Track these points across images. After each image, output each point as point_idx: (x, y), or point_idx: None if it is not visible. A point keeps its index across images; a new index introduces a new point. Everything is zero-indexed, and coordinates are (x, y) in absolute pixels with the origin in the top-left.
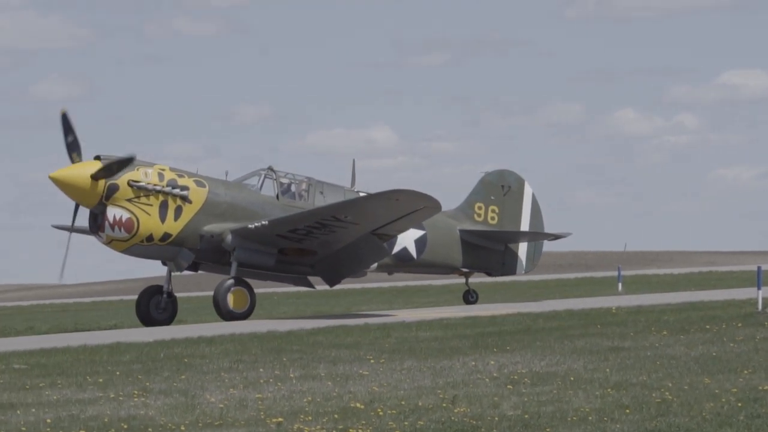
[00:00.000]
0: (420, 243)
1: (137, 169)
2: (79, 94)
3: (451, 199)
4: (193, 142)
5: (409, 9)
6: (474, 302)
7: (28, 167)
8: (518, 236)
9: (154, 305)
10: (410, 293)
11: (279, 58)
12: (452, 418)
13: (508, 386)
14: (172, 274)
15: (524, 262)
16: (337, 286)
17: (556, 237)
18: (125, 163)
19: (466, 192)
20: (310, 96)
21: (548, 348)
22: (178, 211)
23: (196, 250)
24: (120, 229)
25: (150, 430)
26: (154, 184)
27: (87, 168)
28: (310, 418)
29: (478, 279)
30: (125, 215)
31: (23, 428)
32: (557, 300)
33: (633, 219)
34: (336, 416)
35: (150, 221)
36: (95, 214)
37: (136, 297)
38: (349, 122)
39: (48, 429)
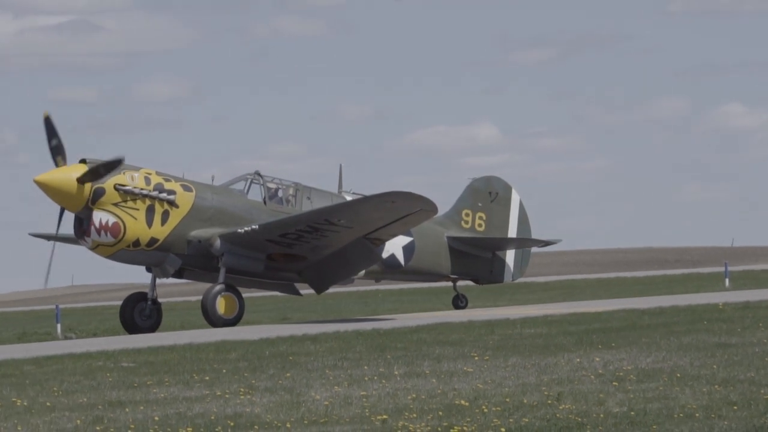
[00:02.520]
0: (408, 250)
1: (123, 173)
2: (184, 95)
3: (556, 196)
4: (297, 142)
5: (511, 6)
6: (463, 307)
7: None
8: (506, 243)
9: (139, 312)
10: (513, 290)
11: (381, 56)
12: (557, 415)
13: (614, 383)
14: (157, 280)
15: (512, 269)
16: (440, 284)
17: (545, 243)
18: (113, 165)
19: (569, 187)
20: (412, 94)
21: (654, 344)
22: (165, 216)
23: (184, 256)
24: (106, 234)
25: (256, 427)
26: (141, 188)
27: (73, 171)
28: (414, 415)
29: (589, 276)
30: (111, 219)
31: (131, 426)
32: (663, 296)
33: (740, 214)
34: (440, 413)
35: (137, 226)
36: (80, 218)
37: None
38: (452, 119)
39: (156, 426)
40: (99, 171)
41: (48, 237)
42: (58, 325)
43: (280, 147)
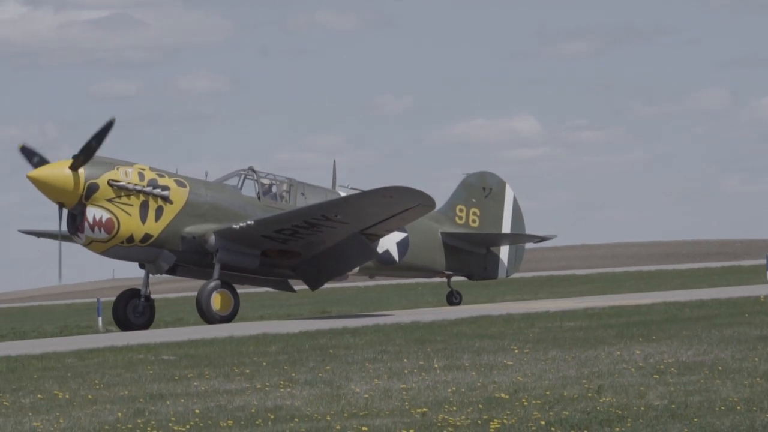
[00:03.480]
0: (402, 246)
1: (117, 169)
2: (222, 88)
3: (597, 189)
4: (337, 135)
5: None
6: (458, 303)
7: (176, 161)
8: (501, 239)
9: (132, 309)
10: (554, 282)
11: (421, 49)
12: (597, 408)
13: (654, 376)
14: (151, 276)
15: (506, 265)
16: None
17: (540, 239)
18: (104, 133)
19: (609, 180)
20: (452, 87)
21: (695, 337)
22: (159, 212)
23: (178, 252)
24: (100, 230)
25: (296, 420)
26: (135, 184)
27: (64, 166)
28: (454, 408)
29: (629, 268)
30: (105, 215)
31: (172, 418)
32: (704, 289)
33: None
34: (480, 406)
35: (130, 222)
36: (74, 214)
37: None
38: (492, 112)
39: (196, 419)
40: (91, 145)
41: (38, 234)
42: (100, 319)
43: (320, 140)
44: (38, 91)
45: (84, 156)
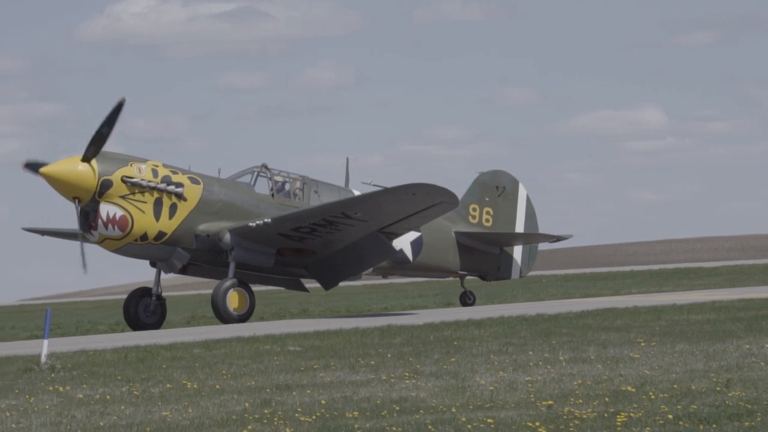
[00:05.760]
0: (416, 245)
1: (131, 165)
2: (347, 81)
3: (725, 180)
4: (460, 127)
5: None
6: (471, 304)
7: (298, 154)
8: (515, 238)
9: (143, 308)
10: (680, 275)
11: (544, 40)
12: (726, 402)
13: None
14: (162, 274)
15: (520, 265)
16: (607, 269)
17: (556, 239)
18: (114, 116)
19: (736, 171)
20: (576, 77)
21: None
22: (173, 209)
23: (191, 250)
24: (113, 227)
25: (421, 412)
26: (149, 181)
27: (77, 162)
28: (580, 401)
29: (757, 261)
30: (119, 213)
31: (299, 409)
32: None
33: None
34: (607, 399)
35: (144, 219)
36: (87, 212)
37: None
38: (617, 103)
39: (322, 410)
40: (102, 133)
41: (42, 232)
42: None
43: (443, 132)
44: (165, 84)
45: (95, 146)
